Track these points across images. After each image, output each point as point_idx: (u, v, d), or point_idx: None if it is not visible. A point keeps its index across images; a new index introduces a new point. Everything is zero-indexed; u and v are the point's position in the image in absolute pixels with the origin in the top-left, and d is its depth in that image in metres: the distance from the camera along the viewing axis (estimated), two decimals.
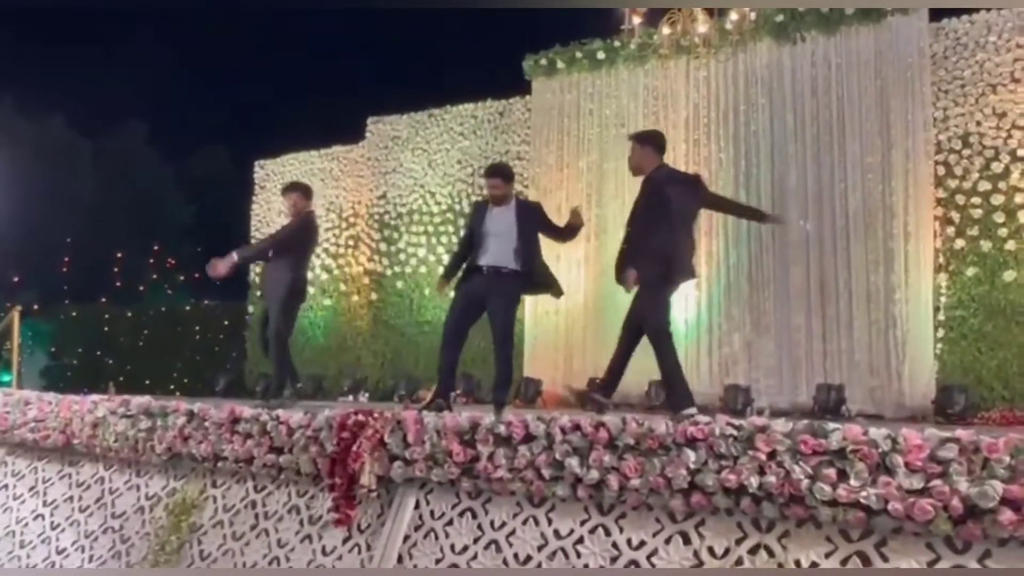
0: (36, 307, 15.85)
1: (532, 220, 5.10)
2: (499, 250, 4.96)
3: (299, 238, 5.87)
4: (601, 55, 8.81)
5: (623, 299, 8.43)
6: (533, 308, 8.93)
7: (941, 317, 7.25)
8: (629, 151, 4.98)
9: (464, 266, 5.15)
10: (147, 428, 4.74)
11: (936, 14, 7.57)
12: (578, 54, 8.94)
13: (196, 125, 22.74)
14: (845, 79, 7.68)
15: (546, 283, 5.18)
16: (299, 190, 6.08)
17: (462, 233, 6.62)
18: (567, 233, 5.23)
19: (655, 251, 4.58)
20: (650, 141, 4.95)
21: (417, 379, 9.15)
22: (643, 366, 8.14)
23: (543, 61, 9.17)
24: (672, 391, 4.64)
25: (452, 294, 5.27)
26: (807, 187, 7.78)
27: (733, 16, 7.60)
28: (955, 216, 7.33)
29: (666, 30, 7.39)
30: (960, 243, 7.28)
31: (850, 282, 7.43)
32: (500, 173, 5.14)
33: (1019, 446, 2.72)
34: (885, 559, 2.84)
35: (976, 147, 7.31)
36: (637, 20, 7.39)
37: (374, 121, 10.83)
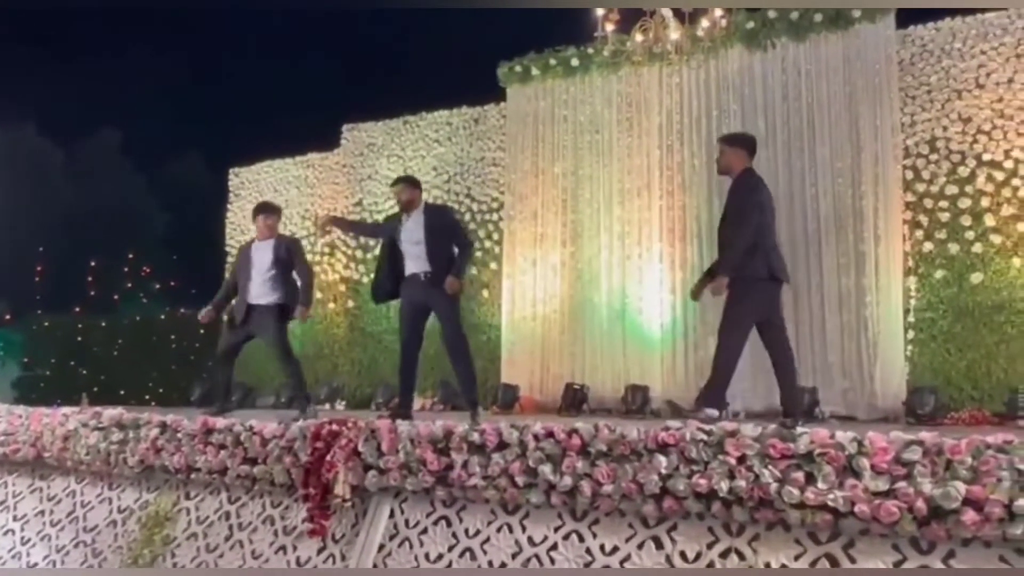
0: (8, 317, 15.63)
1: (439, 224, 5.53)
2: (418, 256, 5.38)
3: None
4: (575, 62, 8.87)
5: (599, 304, 8.59)
6: (510, 314, 8.95)
7: (911, 319, 7.34)
8: (718, 153, 5.05)
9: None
10: (119, 440, 4.70)
11: (903, 21, 7.69)
12: (552, 61, 8.99)
13: (170, 132, 22.51)
14: (815, 85, 7.77)
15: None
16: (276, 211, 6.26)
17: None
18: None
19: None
20: (742, 143, 5.00)
21: (394, 387, 9.11)
22: (618, 370, 8.29)
23: (518, 68, 9.20)
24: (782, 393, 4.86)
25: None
26: (778, 192, 7.80)
27: (705, 23, 7.67)
28: (923, 219, 7.44)
29: (639, 37, 7.42)
30: (928, 246, 7.39)
31: (822, 285, 7.51)
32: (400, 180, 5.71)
33: (980, 447, 2.78)
34: (853, 560, 2.89)
35: (943, 152, 7.43)
36: (610, 27, 7.42)
37: (349, 128, 10.82)
